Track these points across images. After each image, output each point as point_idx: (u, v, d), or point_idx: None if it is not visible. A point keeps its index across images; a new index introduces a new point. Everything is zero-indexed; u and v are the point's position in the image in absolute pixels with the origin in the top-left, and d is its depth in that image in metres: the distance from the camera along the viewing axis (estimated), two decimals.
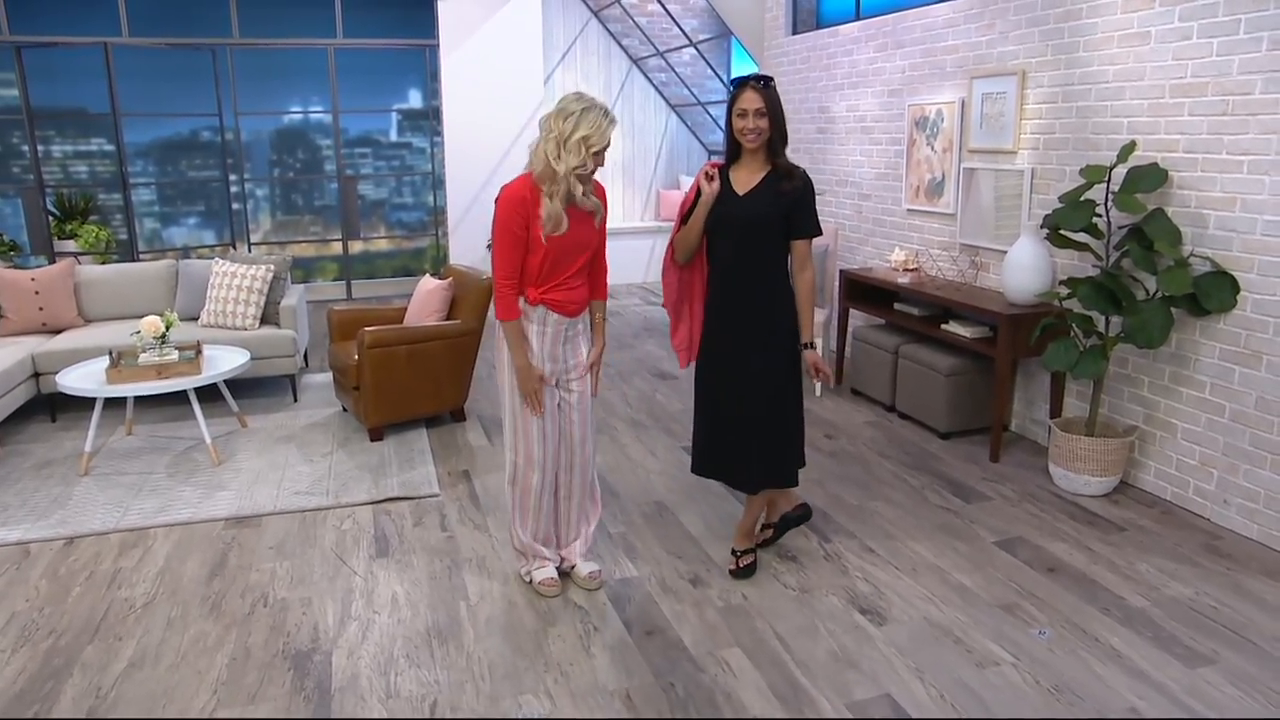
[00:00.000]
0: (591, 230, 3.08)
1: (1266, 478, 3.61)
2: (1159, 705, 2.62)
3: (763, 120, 3.09)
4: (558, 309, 3.07)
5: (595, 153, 2.90)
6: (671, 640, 2.97)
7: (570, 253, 3.02)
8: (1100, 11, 4.21)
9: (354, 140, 9.76)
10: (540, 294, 3.03)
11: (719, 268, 3.26)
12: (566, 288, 3.06)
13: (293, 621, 3.13)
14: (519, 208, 2.91)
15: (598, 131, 2.87)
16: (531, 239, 2.94)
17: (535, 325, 3.08)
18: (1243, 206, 3.62)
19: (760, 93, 3.08)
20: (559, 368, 3.15)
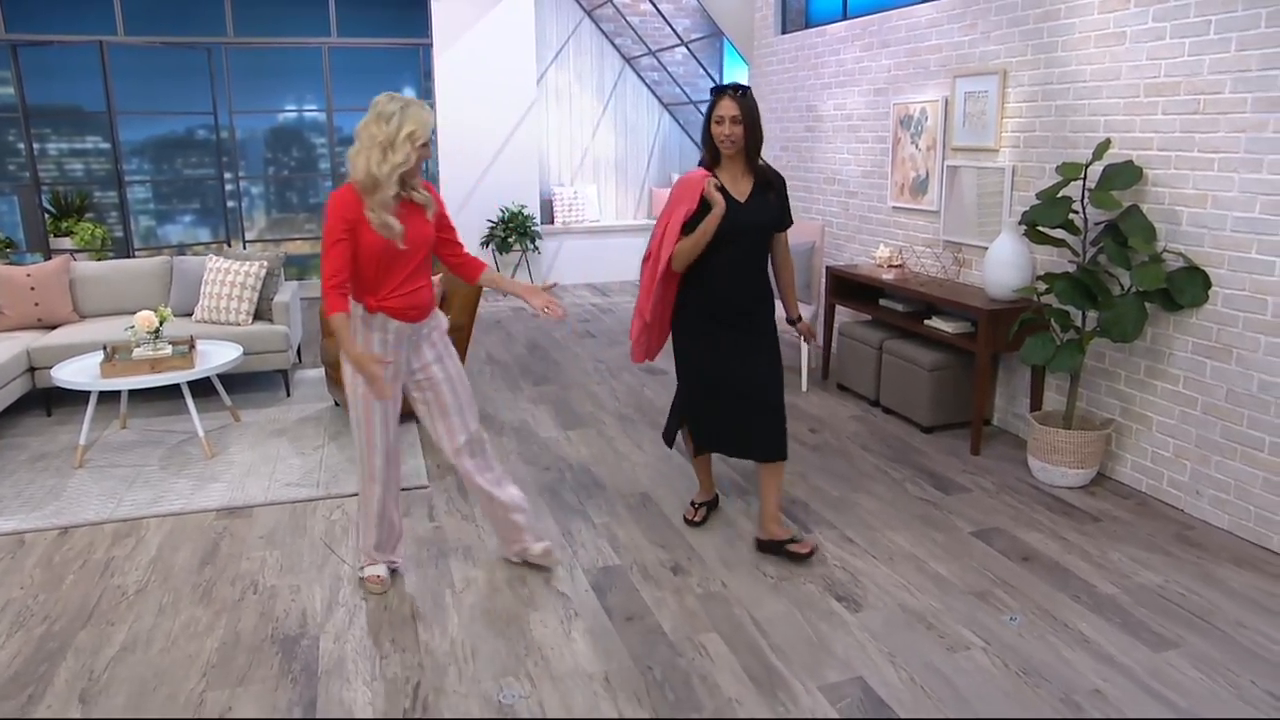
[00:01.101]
0: (425, 225, 3.04)
1: (1236, 469, 3.69)
2: (1122, 687, 2.70)
3: (738, 127, 3.21)
4: (398, 316, 3.02)
5: (421, 145, 2.89)
6: (651, 626, 3.05)
7: (404, 254, 2.96)
8: (1078, 12, 4.29)
9: (348, 139, 9.77)
10: (378, 301, 2.98)
11: (722, 270, 3.35)
12: (402, 293, 3.00)
13: (281, 608, 3.20)
14: (345, 211, 2.86)
15: (421, 124, 2.85)
16: (362, 245, 2.89)
17: (377, 334, 3.03)
18: (1214, 204, 3.70)
19: (737, 101, 3.21)
20: (402, 371, 3.15)
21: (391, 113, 2.84)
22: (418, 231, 3.00)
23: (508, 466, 4.50)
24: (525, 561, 3.45)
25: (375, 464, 3.18)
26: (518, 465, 4.51)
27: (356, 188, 2.87)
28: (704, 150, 3.38)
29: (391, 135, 2.82)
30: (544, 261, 9.67)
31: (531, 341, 7.19)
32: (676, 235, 3.32)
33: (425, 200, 3.03)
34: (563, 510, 3.98)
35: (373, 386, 2.97)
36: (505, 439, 4.89)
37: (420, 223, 3.02)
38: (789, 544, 3.49)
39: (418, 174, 2.98)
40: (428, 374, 3.19)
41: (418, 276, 3.05)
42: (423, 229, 3.03)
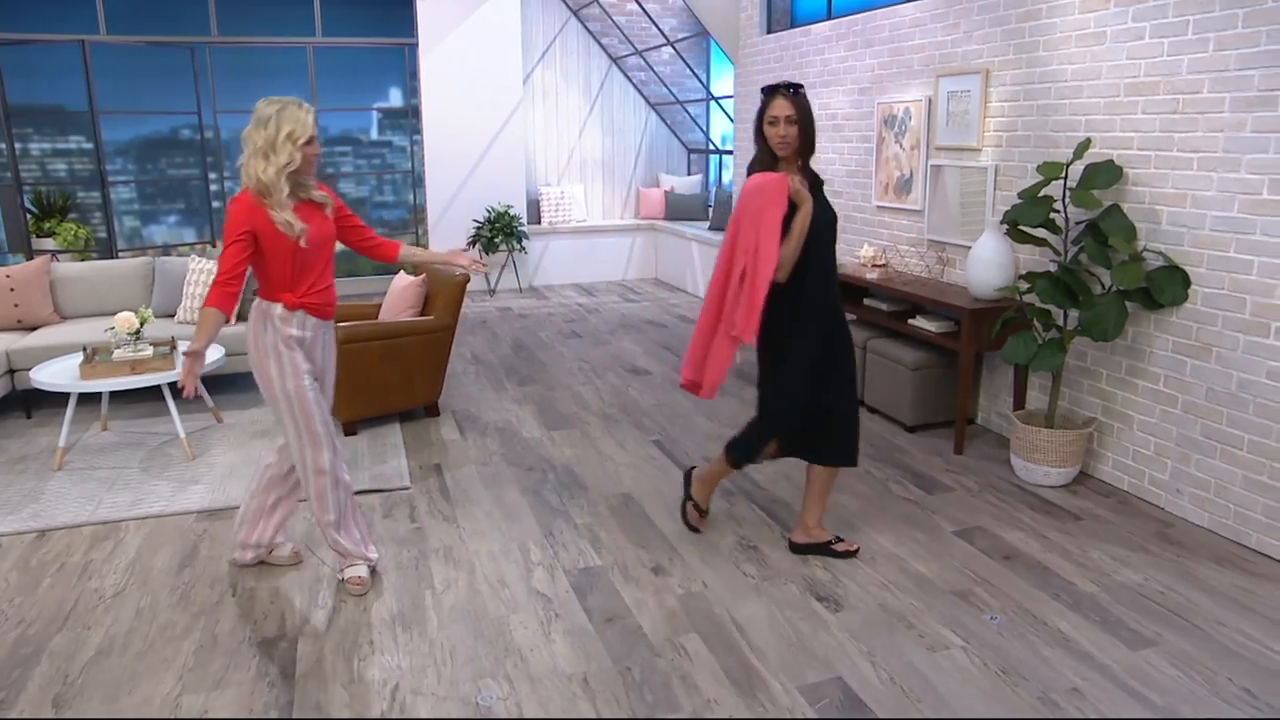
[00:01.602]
0: (326, 222, 3.13)
1: (1216, 467, 3.70)
2: (1100, 686, 2.70)
3: (793, 127, 3.13)
4: (315, 313, 3.12)
5: (304, 143, 2.93)
6: (631, 627, 3.04)
7: (313, 252, 3.05)
8: (1059, 12, 4.30)
9: (335, 139, 9.79)
10: (298, 299, 3.06)
11: (815, 271, 3.24)
12: (317, 290, 3.11)
13: (260, 610, 3.18)
14: (245, 215, 2.92)
15: (299, 124, 2.90)
16: (268, 246, 2.96)
17: (296, 330, 3.09)
18: (1193, 203, 3.71)
19: (791, 100, 3.13)
20: (316, 369, 3.20)
21: (268, 116, 2.90)
22: (320, 229, 3.08)
23: (491, 468, 4.48)
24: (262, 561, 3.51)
25: (318, 431, 3.16)
26: (501, 466, 4.50)
27: (251, 194, 2.94)
28: (758, 151, 3.24)
29: (272, 138, 2.88)
30: (530, 262, 9.65)
31: (517, 341, 7.18)
32: (778, 243, 3.11)
33: (323, 199, 3.12)
34: (545, 511, 3.97)
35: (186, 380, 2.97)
36: (489, 439, 4.88)
37: (321, 221, 3.10)
38: (834, 543, 3.53)
39: (310, 173, 3.05)
40: (331, 378, 3.31)
41: (326, 274, 3.16)
42: (324, 226, 3.11)
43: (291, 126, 2.89)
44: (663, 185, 10.23)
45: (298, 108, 2.93)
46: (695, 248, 9.03)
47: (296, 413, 3.12)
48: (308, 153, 2.96)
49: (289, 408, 3.12)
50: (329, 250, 3.15)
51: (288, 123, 2.89)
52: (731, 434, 3.60)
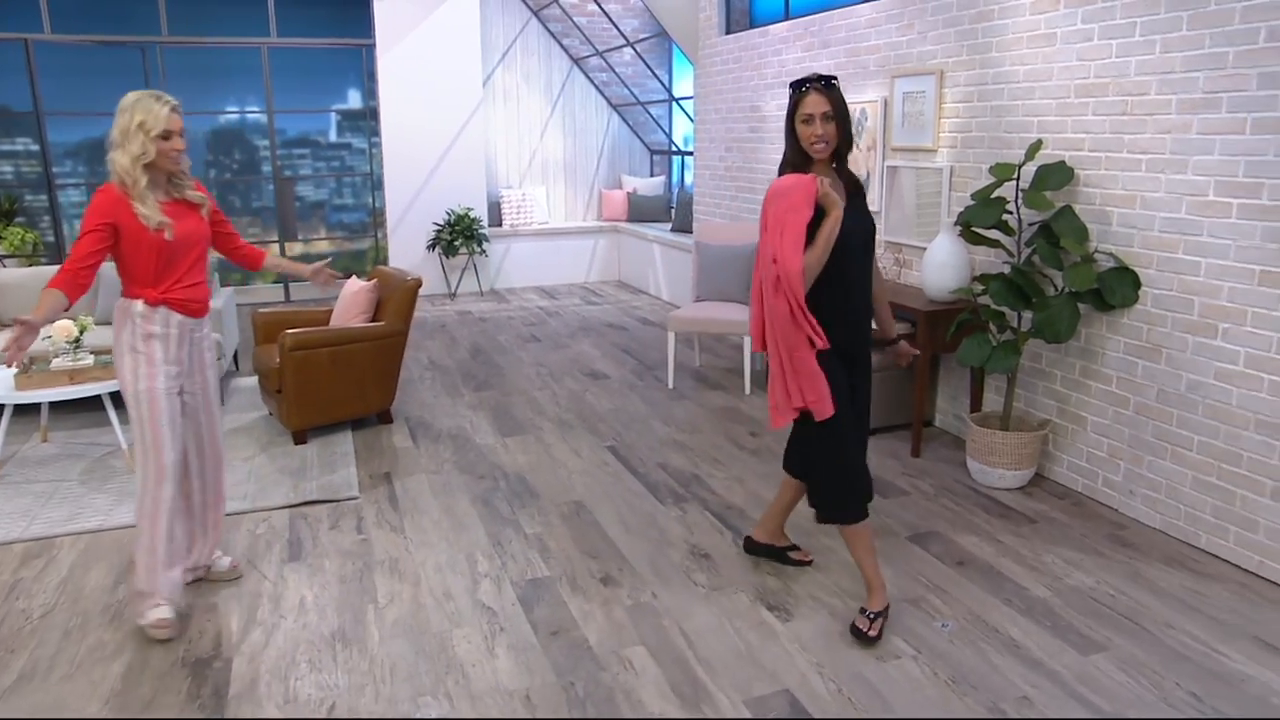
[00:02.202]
0: (199, 223, 3.09)
1: (1167, 468, 3.70)
2: (1049, 693, 2.68)
3: (831, 125, 2.78)
4: (180, 309, 3.04)
5: (158, 136, 2.87)
6: (576, 640, 2.97)
7: (180, 250, 3.00)
8: (1011, 13, 4.29)
9: (293, 141, 9.64)
10: (160, 294, 2.99)
11: (844, 286, 2.90)
12: (184, 285, 3.04)
13: (196, 628, 3.08)
14: (107, 206, 2.87)
15: (151, 115, 2.86)
16: (129, 240, 2.90)
17: (158, 328, 3.01)
18: (1142, 204, 3.71)
19: (825, 95, 2.76)
20: (183, 371, 3.10)
21: (125, 108, 2.89)
22: (191, 228, 3.04)
23: (442, 477, 4.40)
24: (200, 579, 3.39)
25: (165, 461, 3.04)
26: (452, 474, 4.41)
27: (115, 186, 2.90)
28: (788, 151, 2.90)
29: (126, 128, 2.86)
30: (492, 264, 9.55)
31: (475, 346, 7.08)
32: (801, 252, 2.76)
33: (199, 199, 3.10)
34: (494, 521, 3.89)
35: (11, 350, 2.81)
36: (441, 447, 4.79)
37: (195, 220, 3.07)
38: (790, 551, 3.46)
39: (173, 169, 2.97)
40: (203, 376, 3.21)
41: (195, 271, 3.10)
42: (197, 226, 3.08)
43: (143, 117, 2.85)
44: (625, 187, 10.17)
45: (154, 100, 2.90)
46: (658, 249, 8.98)
47: (144, 413, 3.00)
48: (163, 147, 2.88)
49: (137, 407, 3.01)
50: (199, 250, 3.10)
51: (140, 113, 2.86)
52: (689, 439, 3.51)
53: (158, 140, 2.87)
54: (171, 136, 2.90)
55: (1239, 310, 3.36)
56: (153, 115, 2.86)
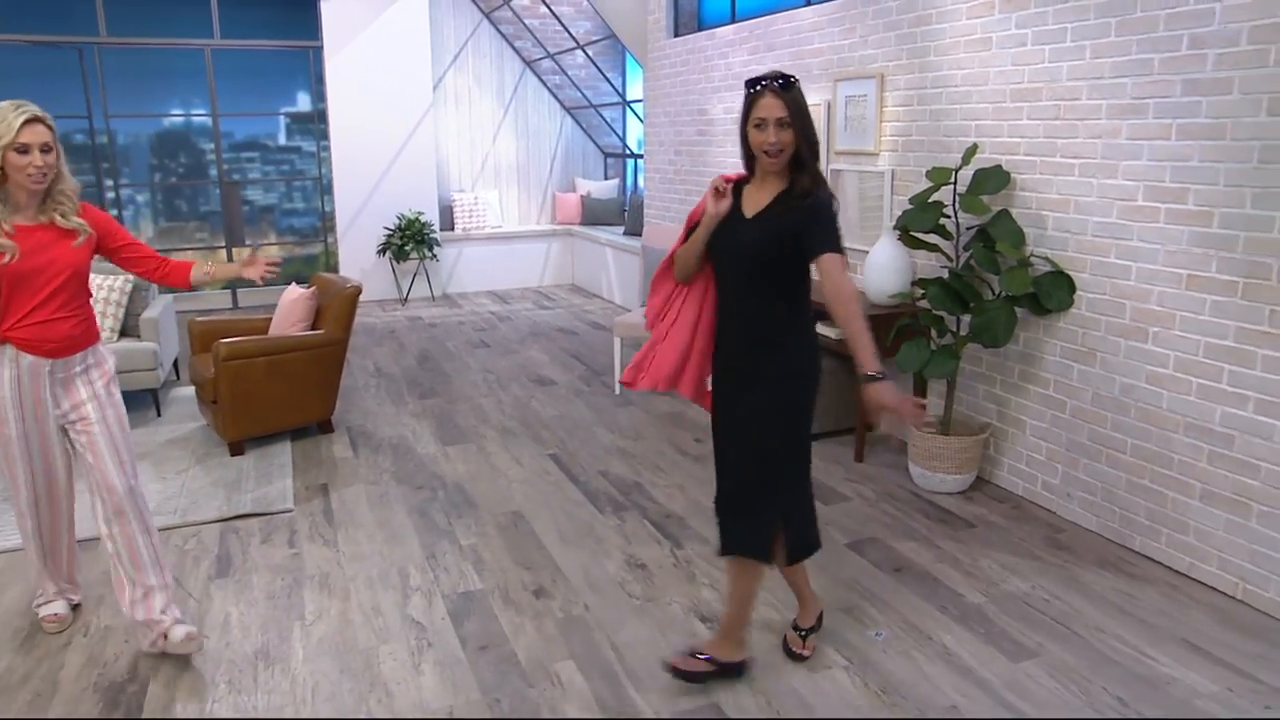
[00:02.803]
0: (65, 252, 2.76)
1: (1102, 471, 3.72)
2: (978, 701, 2.67)
3: (787, 132, 2.48)
4: (28, 349, 2.73)
5: (14, 149, 2.59)
6: (505, 655, 2.92)
7: (32, 279, 2.70)
8: (948, 17, 4.30)
9: (241, 144, 9.48)
10: (3, 332, 2.71)
11: (721, 300, 2.74)
12: (30, 324, 2.72)
13: (112, 651, 2.98)
14: None
15: (3, 124, 2.57)
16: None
17: (7, 368, 2.75)
18: (1075, 208, 3.73)
19: (780, 96, 2.48)
20: (47, 412, 2.85)
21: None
22: (49, 257, 2.72)
23: (380, 487, 4.32)
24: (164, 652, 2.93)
25: (21, 503, 2.98)
26: (390, 485, 4.33)
27: None
28: (743, 159, 2.67)
29: None
30: (443, 269, 9.45)
31: (423, 352, 6.99)
32: (683, 236, 2.71)
33: (75, 226, 2.77)
34: (430, 532, 3.82)
35: None
36: (381, 456, 4.71)
37: (60, 248, 2.74)
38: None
39: (32, 186, 2.65)
40: (80, 414, 2.87)
41: (53, 306, 2.75)
42: (63, 255, 2.75)
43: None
44: (579, 190, 10.11)
45: (11, 108, 2.60)
46: (610, 253, 8.93)
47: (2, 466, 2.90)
48: (16, 162, 2.59)
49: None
50: (59, 282, 2.74)
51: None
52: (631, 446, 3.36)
53: (9, 153, 2.58)
54: (30, 151, 2.60)
55: (1168, 314, 3.39)
56: (4, 125, 2.57)
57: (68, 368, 2.84)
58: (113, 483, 2.88)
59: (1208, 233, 3.22)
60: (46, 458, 2.93)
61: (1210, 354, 3.26)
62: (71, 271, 2.78)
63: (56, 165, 2.70)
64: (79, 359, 2.86)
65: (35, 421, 2.85)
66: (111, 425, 2.90)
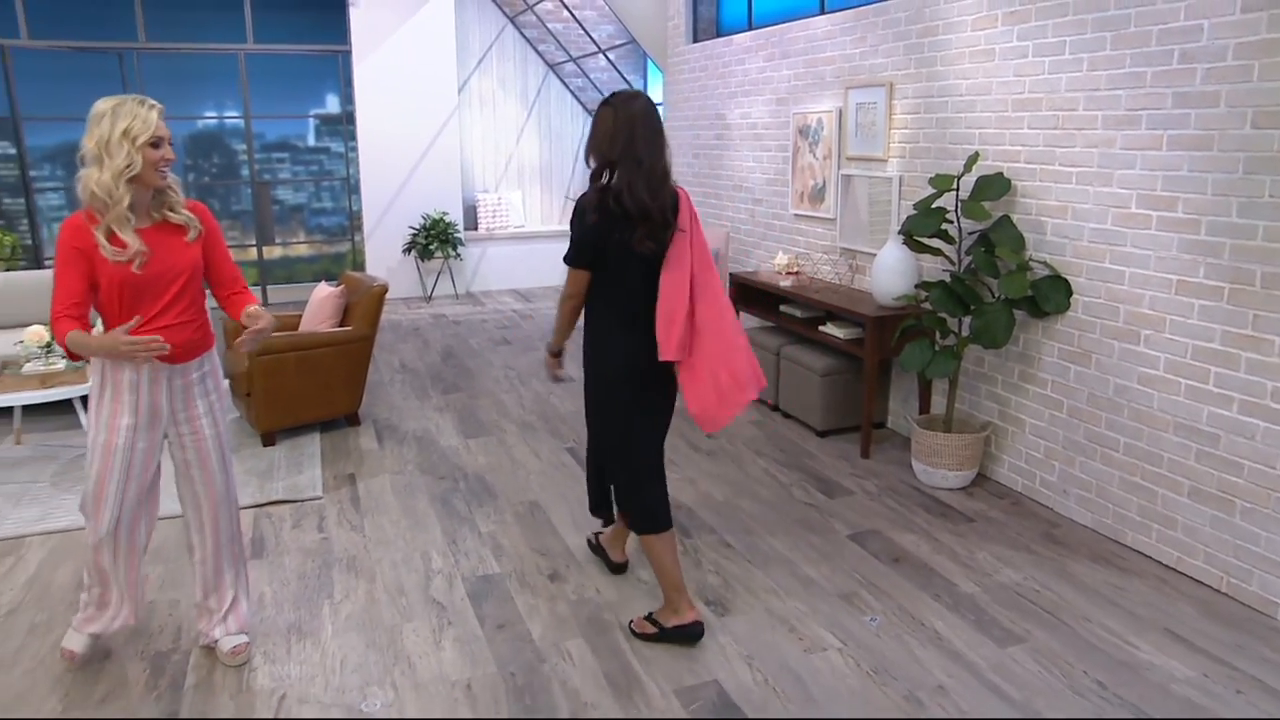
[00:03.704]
0: (184, 249, 2.68)
1: (1097, 469, 3.86)
2: (965, 682, 2.83)
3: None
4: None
5: (146, 145, 2.52)
6: (520, 633, 3.11)
7: (153, 284, 2.62)
8: (954, 28, 4.44)
9: (272, 145, 9.75)
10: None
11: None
12: (158, 328, 2.61)
13: (157, 624, 3.21)
14: (72, 237, 2.56)
15: (138, 119, 2.51)
16: (100, 274, 2.57)
17: (126, 373, 2.65)
18: (1073, 215, 3.87)
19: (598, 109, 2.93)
20: (164, 421, 2.76)
21: (102, 114, 2.53)
22: (172, 258, 2.65)
23: (404, 477, 4.53)
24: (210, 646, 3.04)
25: (103, 520, 2.75)
26: (414, 475, 4.55)
27: (83, 213, 2.59)
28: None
29: (105, 137, 2.50)
30: (468, 268, 9.68)
31: (447, 349, 7.21)
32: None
33: (186, 221, 2.69)
34: (451, 519, 4.03)
35: (127, 352, 2.49)
36: (406, 448, 4.93)
37: (177, 247, 2.67)
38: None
39: (162, 181, 2.61)
40: (194, 428, 2.81)
41: (176, 310, 2.67)
42: (180, 255, 2.67)
43: (128, 122, 2.50)
44: None
45: (138, 104, 2.54)
46: None
47: (94, 467, 2.71)
48: (152, 156, 2.53)
49: (89, 455, 2.72)
50: (181, 283, 2.67)
51: (124, 118, 2.50)
52: None
53: (146, 149, 2.52)
54: (161, 144, 2.56)
55: (1159, 318, 3.53)
56: (139, 120, 2.51)
57: (185, 374, 2.75)
58: (215, 495, 2.89)
59: (1196, 240, 3.35)
60: (145, 473, 2.78)
61: (1198, 356, 3.39)
62: (190, 273, 2.70)
63: None
64: (195, 365, 2.78)
65: (147, 431, 2.73)
66: (208, 438, 2.84)
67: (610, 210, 2.83)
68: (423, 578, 3.51)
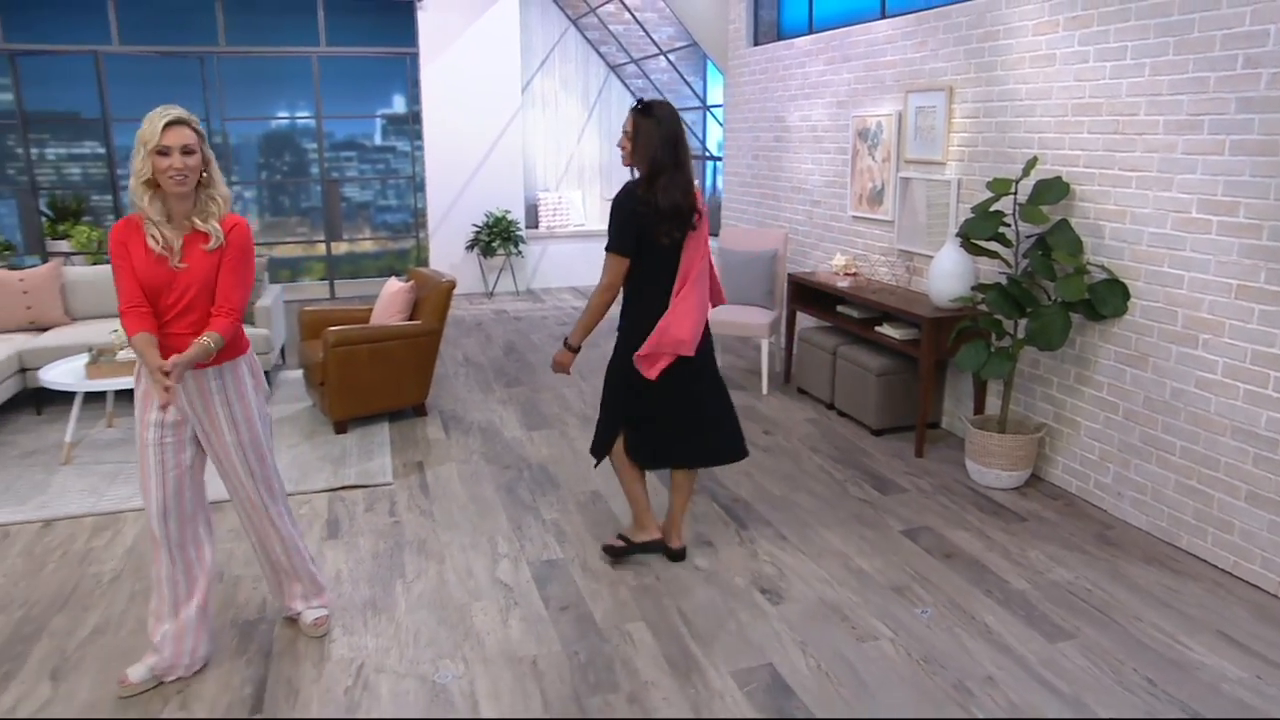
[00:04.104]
0: (200, 259, 2.72)
1: (1153, 472, 3.89)
2: (1014, 674, 2.91)
3: (630, 143, 3.35)
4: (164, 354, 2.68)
5: (153, 152, 2.60)
6: (583, 615, 3.27)
7: (168, 288, 2.70)
8: (1015, 34, 4.49)
9: (340, 144, 10.06)
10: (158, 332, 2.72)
11: None
12: (169, 331, 2.72)
13: (243, 595, 3.43)
14: (117, 232, 2.70)
15: (148, 128, 2.60)
16: (135, 267, 2.68)
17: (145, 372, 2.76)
18: (1132, 219, 3.90)
19: (634, 116, 3.33)
20: (187, 420, 2.84)
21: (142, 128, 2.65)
22: (190, 266, 2.71)
23: (470, 466, 4.72)
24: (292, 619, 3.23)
25: (154, 527, 2.82)
26: (480, 464, 4.73)
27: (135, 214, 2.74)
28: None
29: (135, 145, 2.65)
30: (528, 265, 9.90)
31: (509, 344, 7.42)
32: None
33: (209, 230, 2.72)
34: (516, 507, 4.20)
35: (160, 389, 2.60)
36: (471, 439, 5.12)
37: (197, 257, 2.72)
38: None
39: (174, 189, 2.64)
40: (217, 434, 2.87)
41: (188, 319, 2.74)
42: (197, 264, 2.72)
43: (143, 130, 2.61)
44: None
45: (158, 113, 2.63)
46: None
47: (139, 461, 2.82)
48: (159, 164, 2.60)
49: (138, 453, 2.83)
50: (193, 293, 2.72)
51: (144, 126, 2.61)
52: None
53: (154, 157, 2.60)
54: (170, 153, 2.59)
55: (1218, 322, 3.55)
56: (149, 128, 2.60)
57: (201, 380, 2.81)
58: (247, 503, 3.00)
59: (1257, 245, 3.37)
60: (179, 467, 2.83)
61: (1258, 361, 3.41)
62: (202, 283, 2.73)
63: (201, 168, 2.70)
64: (213, 373, 2.81)
65: (174, 428, 2.81)
66: (248, 448, 2.91)
67: (650, 205, 3.29)
68: (490, 561, 3.68)
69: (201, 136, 2.71)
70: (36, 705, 2.78)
